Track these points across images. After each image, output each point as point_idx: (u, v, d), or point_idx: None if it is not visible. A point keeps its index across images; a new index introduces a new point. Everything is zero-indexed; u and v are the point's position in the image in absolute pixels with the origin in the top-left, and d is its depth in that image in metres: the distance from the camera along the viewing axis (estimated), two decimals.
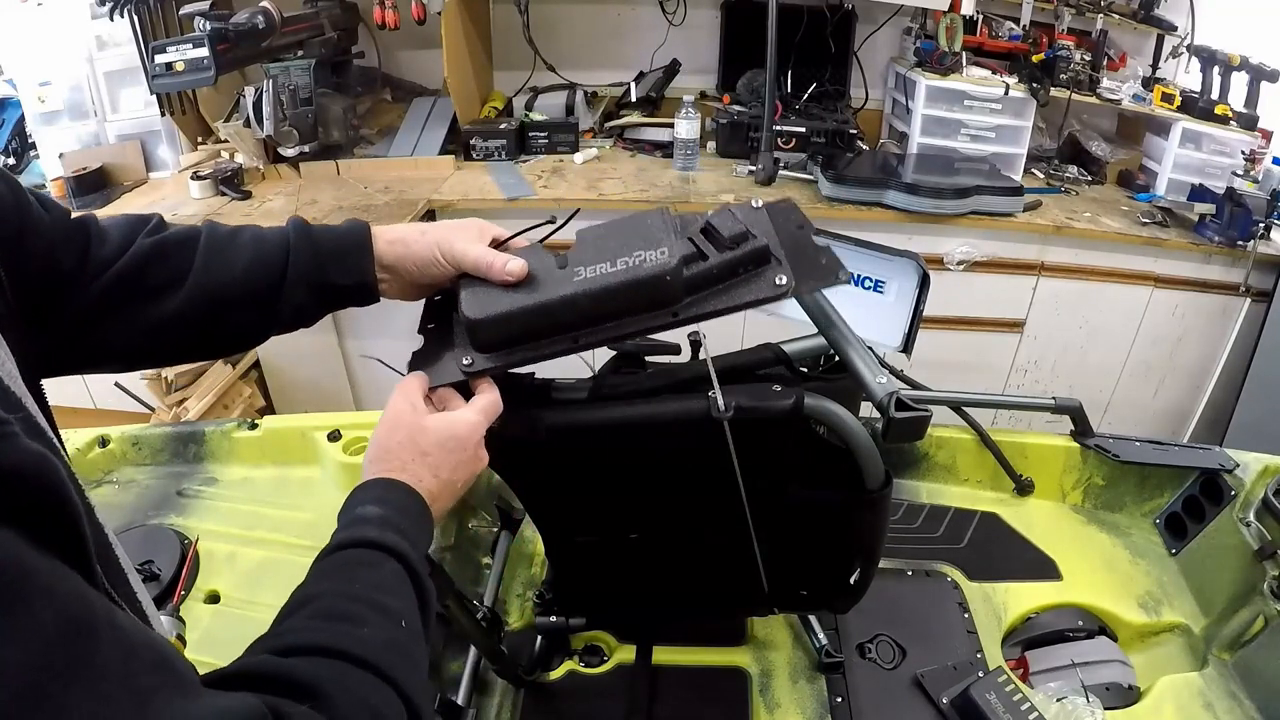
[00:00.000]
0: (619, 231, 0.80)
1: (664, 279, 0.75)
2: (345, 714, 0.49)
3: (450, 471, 0.73)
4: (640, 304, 0.77)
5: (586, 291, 0.75)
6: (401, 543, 0.64)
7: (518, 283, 0.77)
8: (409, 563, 0.64)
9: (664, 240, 0.77)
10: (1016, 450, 1.52)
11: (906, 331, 1.15)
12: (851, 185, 2.48)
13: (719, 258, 0.78)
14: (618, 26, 3.09)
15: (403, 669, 0.55)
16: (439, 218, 2.52)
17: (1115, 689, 1.19)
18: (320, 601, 0.58)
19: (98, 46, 2.66)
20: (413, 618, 0.61)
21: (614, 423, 0.84)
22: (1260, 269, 2.50)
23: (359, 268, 0.77)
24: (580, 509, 1.01)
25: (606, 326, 0.78)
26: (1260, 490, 1.31)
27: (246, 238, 0.77)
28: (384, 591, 0.60)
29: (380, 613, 0.58)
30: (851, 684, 1.18)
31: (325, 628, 0.55)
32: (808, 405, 0.85)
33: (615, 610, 1.21)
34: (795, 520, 0.97)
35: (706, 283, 0.78)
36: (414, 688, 0.55)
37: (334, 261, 0.77)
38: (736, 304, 0.78)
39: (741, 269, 0.79)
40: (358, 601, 0.58)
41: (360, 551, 0.62)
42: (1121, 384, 2.78)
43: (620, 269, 0.76)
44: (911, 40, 2.92)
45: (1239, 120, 2.74)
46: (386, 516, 0.66)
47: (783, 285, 0.78)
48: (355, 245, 0.78)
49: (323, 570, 0.62)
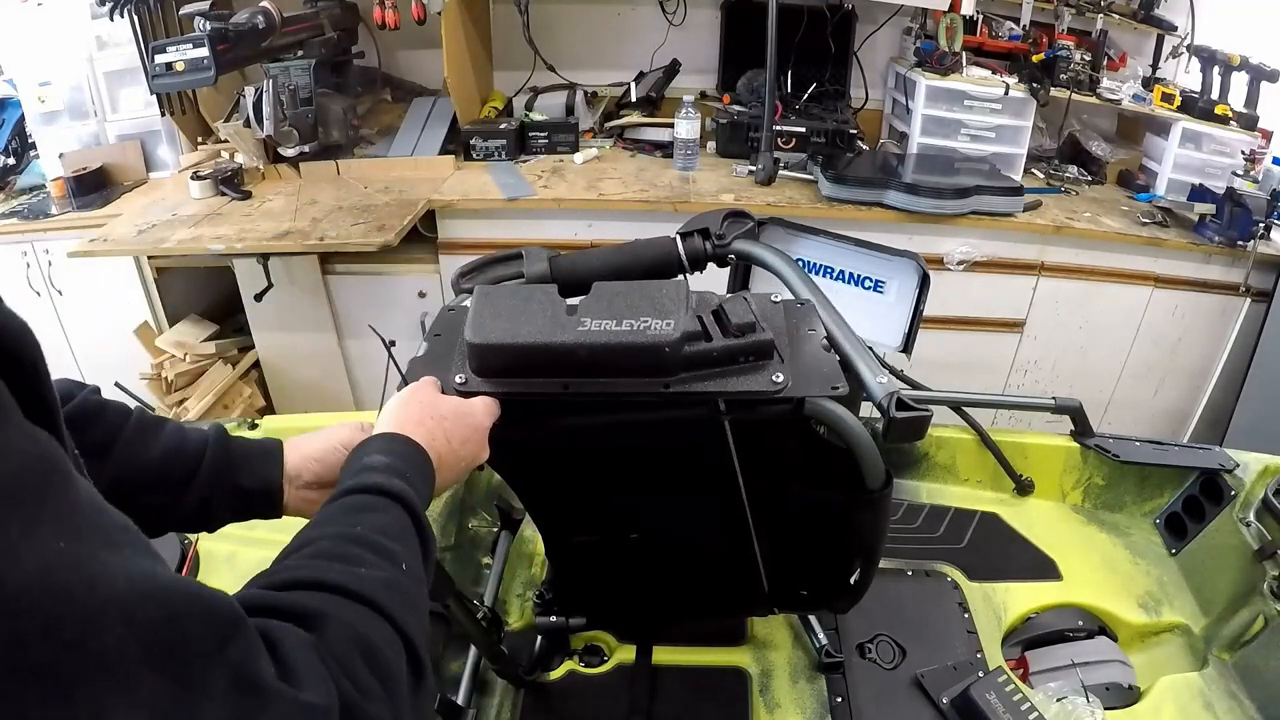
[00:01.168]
0: (633, 292, 0.81)
1: (662, 350, 0.77)
2: (334, 639, 0.49)
3: (460, 442, 0.74)
4: (635, 368, 0.78)
5: (586, 343, 0.77)
6: (407, 490, 0.64)
7: (524, 316, 0.79)
8: (414, 509, 0.64)
9: (673, 313, 0.78)
10: (1016, 450, 1.52)
11: (906, 331, 1.16)
12: (851, 185, 2.48)
13: (722, 342, 0.79)
14: (618, 26, 3.09)
15: (399, 607, 0.55)
16: (439, 218, 2.52)
17: (1115, 689, 1.19)
18: (320, 543, 0.58)
19: (98, 46, 2.66)
20: (415, 563, 0.61)
21: (616, 423, 0.85)
22: (1260, 269, 2.51)
23: (266, 474, 0.79)
24: (581, 509, 1.01)
25: (599, 381, 0.79)
26: (1260, 490, 1.32)
27: (171, 428, 0.78)
28: (386, 535, 0.60)
29: (380, 554, 0.58)
30: (851, 684, 1.18)
31: (322, 565, 0.55)
32: (808, 406, 0.85)
33: (615, 610, 1.22)
34: (795, 520, 0.97)
35: (704, 363, 0.79)
36: (411, 626, 0.55)
37: (244, 465, 0.78)
38: (727, 391, 0.79)
39: (742, 358, 0.80)
40: (358, 543, 0.58)
41: (365, 497, 0.63)
42: (1121, 384, 2.78)
43: (624, 329, 0.77)
44: (911, 40, 2.92)
45: (1239, 120, 2.74)
46: (392, 464, 0.66)
47: (778, 384, 0.79)
48: (264, 454, 0.80)
49: (326, 514, 0.62)
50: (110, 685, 0.36)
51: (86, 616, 0.36)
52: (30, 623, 0.34)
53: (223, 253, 2.31)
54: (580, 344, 0.77)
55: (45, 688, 0.34)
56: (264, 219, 2.41)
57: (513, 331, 0.78)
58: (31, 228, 2.58)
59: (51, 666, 0.34)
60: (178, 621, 0.40)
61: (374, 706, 0.48)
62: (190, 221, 2.39)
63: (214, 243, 2.27)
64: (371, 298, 2.59)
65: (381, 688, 0.50)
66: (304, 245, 2.29)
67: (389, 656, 0.52)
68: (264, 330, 2.65)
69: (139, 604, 0.39)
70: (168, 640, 0.39)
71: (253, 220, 2.41)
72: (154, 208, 2.53)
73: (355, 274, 2.55)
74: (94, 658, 0.36)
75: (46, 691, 0.34)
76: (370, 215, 2.40)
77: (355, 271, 2.54)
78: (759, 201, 2.50)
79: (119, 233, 2.36)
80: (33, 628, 0.34)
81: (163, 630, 0.39)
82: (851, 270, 1.21)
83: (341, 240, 2.28)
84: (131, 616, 0.38)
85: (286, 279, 2.51)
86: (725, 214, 1.09)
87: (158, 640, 0.39)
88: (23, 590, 0.34)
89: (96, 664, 0.36)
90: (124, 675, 0.37)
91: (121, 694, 0.37)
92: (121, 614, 0.38)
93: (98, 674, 0.36)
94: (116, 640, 0.37)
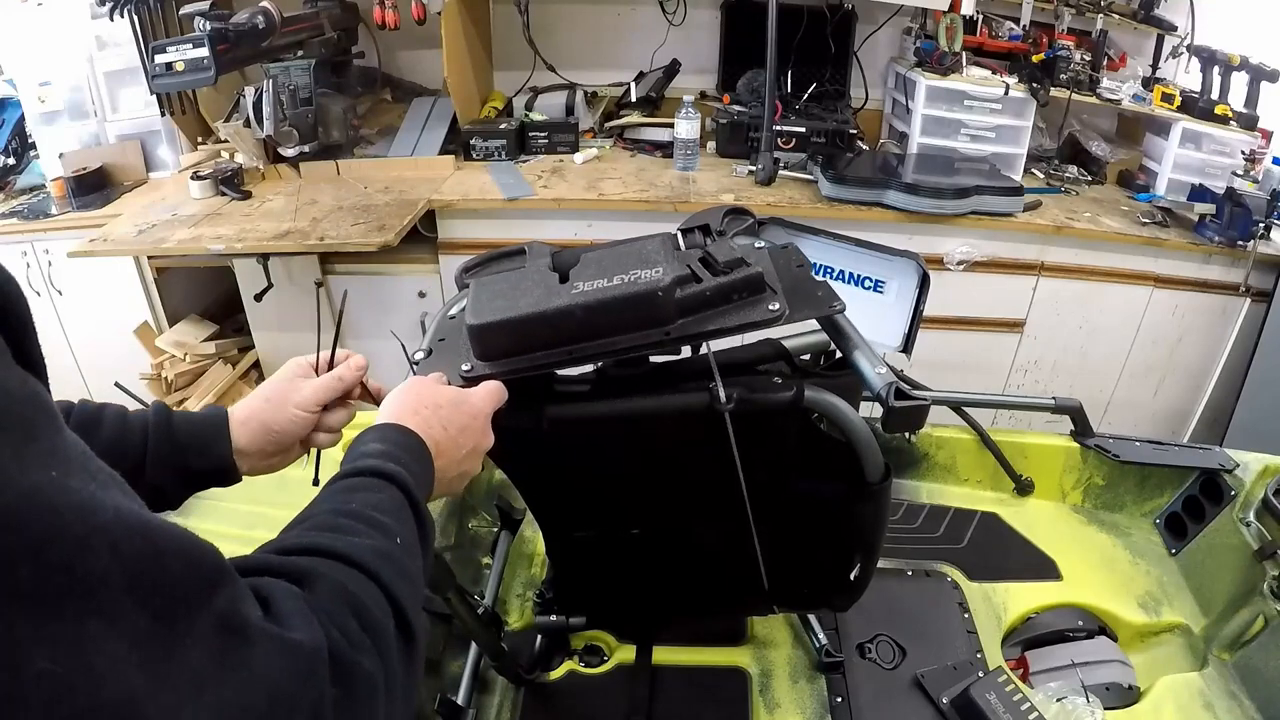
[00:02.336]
0: (620, 253, 0.83)
1: (655, 295, 0.78)
2: (323, 594, 0.50)
3: (459, 431, 0.75)
4: (633, 320, 0.80)
5: (582, 304, 0.78)
6: (401, 471, 0.65)
7: (519, 292, 0.80)
8: (408, 490, 0.64)
9: (660, 262, 0.80)
10: (1016, 450, 1.52)
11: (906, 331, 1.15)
12: (851, 185, 2.48)
13: (713, 281, 0.81)
14: (618, 26, 3.09)
15: (390, 573, 0.55)
16: (439, 218, 2.52)
17: (1115, 689, 1.19)
18: (315, 518, 0.59)
19: (98, 46, 2.66)
20: (410, 539, 0.62)
21: (616, 415, 0.85)
22: (1260, 269, 2.50)
23: (215, 451, 0.78)
24: (581, 503, 1.01)
25: (600, 341, 0.80)
26: (1260, 490, 1.31)
27: (110, 418, 0.77)
28: (380, 511, 0.61)
29: (374, 527, 0.59)
30: (851, 684, 1.18)
31: (314, 534, 0.56)
32: (808, 397, 0.85)
33: (615, 609, 1.21)
34: (795, 514, 0.97)
35: (700, 305, 0.81)
36: (401, 592, 0.55)
37: (191, 445, 0.78)
38: (729, 326, 0.81)
39: (735, 295, 0.82)
40: (351, 516, 0.59)
41: (359, 479, 0.64)
42: (1121, 384, 2.78)
43: (616, 284, 0.79)
44: (911, 40, 2.92)
45: (1239, 120, 2.74)
46: (387, 450, 0.67)
47: (776, 310, 0.81)
48: (211, 428, 0.79)
49: (321, 496, 0.63)
50: (94, 611, 0.36)
51: (75, 541, 0.36)
52: (19, 540, 0.34)
53: (223, 253, 2.31)
54: (577, 305, 0.78)
55: (31, 606, 0.34)
56: (264, 219, 2.41)
57: (510, 307, 0.80)
58: (31, 228, 2.58)
59: (38, 586, 0.34)
60: (164, 560, 0.40)
61: (363, 658, 0.49)
62: (190, 221, 2.39)
63: (214, 243, 2.27)
64: (371, 298, 2.59)
65: (371, 643, 0.50)
66: (304, 245, 2.29)
67: (377, 616, 0.52)
68: (264, 330, 2.65)
69: (126, 537, 0.39)
70: (154, 577, 0.39)
71: (253, 220, 2.41)
72: (154, 208, 2.53)
73: (355, 274, 2.55)
74: (80, 583, 0.36)
75: (32, 610, 0.34)
76: (370, 215, 2.40)
77: (355, 271, 2.54)
78: (759, 201, 2.50)
79: (119, 233, 2.36)
80: (21, 546, 0.34)
81: (149, 566, 0.39)
82: (851, 270, 1.21)
83: (341, 240, 2.28)
84: (118, 547, 0.38)
85: (286, 279, 2.51)
86: (725, 211, 1.09)
87: (144, 574, 0.39)
88: (12, 508, 0.34)
89: (83, 589, 0.36)
90: (109, 604, 0.37)
91: (105, 622, 0.37)
92: (109, 544, 0.38)
93: (83, 599, 0.36)
94: (103, 568, 0.37)
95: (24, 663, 0.33)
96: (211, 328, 2.69)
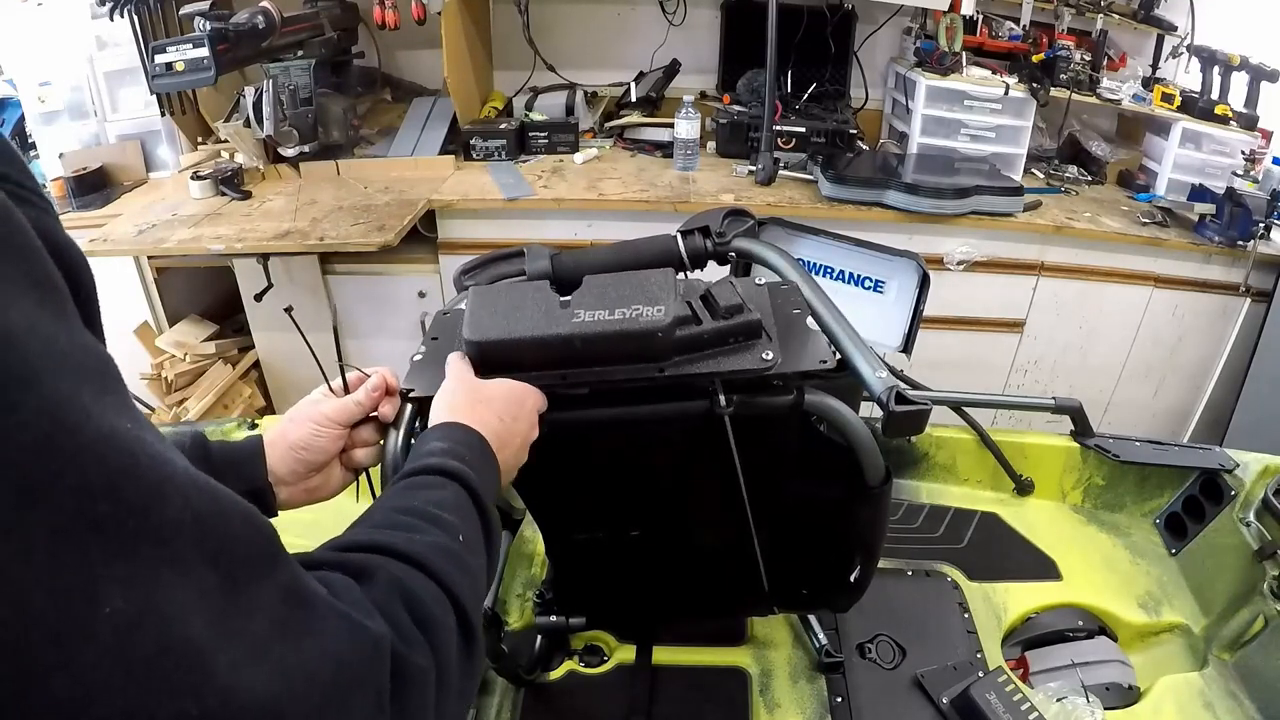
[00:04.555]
0: (624, 283, 0.83)
1: (655, 335, 0.79)
2: (379, 590, 0.50)
3: (513, 419, 0.75)
4: (630, 354, 0.80)
5: (581, 333, 0.79)
6: (464, 469, 0.65)
7: (519, 312, 0.81)
8: (471, 486, 0.64)
9: (663, 299, 0.80)
10: (1016, 450, 1.52)
11: (906, 331, 1.16)
12: (851, 185, 2.48)
13: (712, 324, 0.82)
14: (618, 26, 3.09)
15: (450, 571, 0.55)
16: (439, 218, 2.52)
17: (1115, 689, 1.19)
18: (376, 517, 0.59)
19: (98, 46, 2.66)
20: (473, 536, 0.61)
21: (615, 419, 0.85)
22: (1260, 269, 2.50)
23: (249, 473, 0.78)
24: (581, 506, 1.01)
25: (595, 370, 0.81)
26: (1260, 490, 1.31)
27: None
28: (442, 508, 0.60)
29: (435, 524, 0.58)
30: (851, 684, 1.18)
31: (373, 531, 0.56)
32: (808, 401, 0.85)
33: (615, 610, 1.21)
34: (795, 517, 0.97)
35: (696, 346, 0.82)
36: (462, 589, 0.55)
37: (229, 471, 0.77)
38: (721, 371, 0.82)
39: (732, 339, 0.82)
40: (413, 514, 0.58)
41: (422, 477, 0.63)
42: (1121, 384, 2.78)
43: (617, 318, 0.79)
44: (911, 40, 2.92)
45: (1239, 120, 2.74)
46: (449, 449, 0.67)
47: (768, 360, 0.82)
48: (247, 459, 0.78)
49: (384, 496, 0.63)
50: (167, 560, 0.36)
51: (149, 487, 0.36)
52: (100, 476, 0.34)
53: (223, 253, 2.31)
54: (576, 334, 0.79)
55: (108, 542, 0.34)
56: (264, 219, 2.41)
57: (510, 327, 0.80)
58: None
59: (116, 523, 0.34)
60: (231, 524, 0.40)
61: (416, 655, 0.48)
62: (190, 221, 2.39)
63: (214, 243, 2.27)
64: (371, 298, 2.59)
65: (425, 640, 0.50)
66: (304, 245, 2.29)
67: (435, 613, 0.52)
68: (264, 330, 2.65)
69: (196, 494, 0.39)
70: (222, 537, 0.39)
71: (253, 220, 2.41)
72: (154, 208, 2.53)
73: (355, 274, 2.55)
74: (154, 529, 0.36)
75: (109, 547, 0.34)
76: (370, 215, 2.40)
77: (355, 271, 2.54)
78: (759, 201, 2.50)
79: (119, 233, 2.36)
80: (102, 481, 0.34)
81: (218, 525, 0.39)
82: (851, 270, 1.21)
83: (341, 240, 2.28)
84: (190, 502, 0.38)
85: (286, 279, 2.51)
86: (725, 212, 1.09)
87: (213, 533, 0.39)
88: (92, 443, 0.34)
89: (156, 536, 0.36)
90: (180, 554, 0.37)
91: (177, 572, 0.37)
92: (182, 496, 0.38)
93: (157, 545, 0.36)
94: (176, 518, 0.37)
95: (100, 597, 0.33)
96: (211, 328, 2.69)
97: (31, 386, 0.33)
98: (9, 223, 0.36)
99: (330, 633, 0.43)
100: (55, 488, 0.33)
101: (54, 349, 0.35)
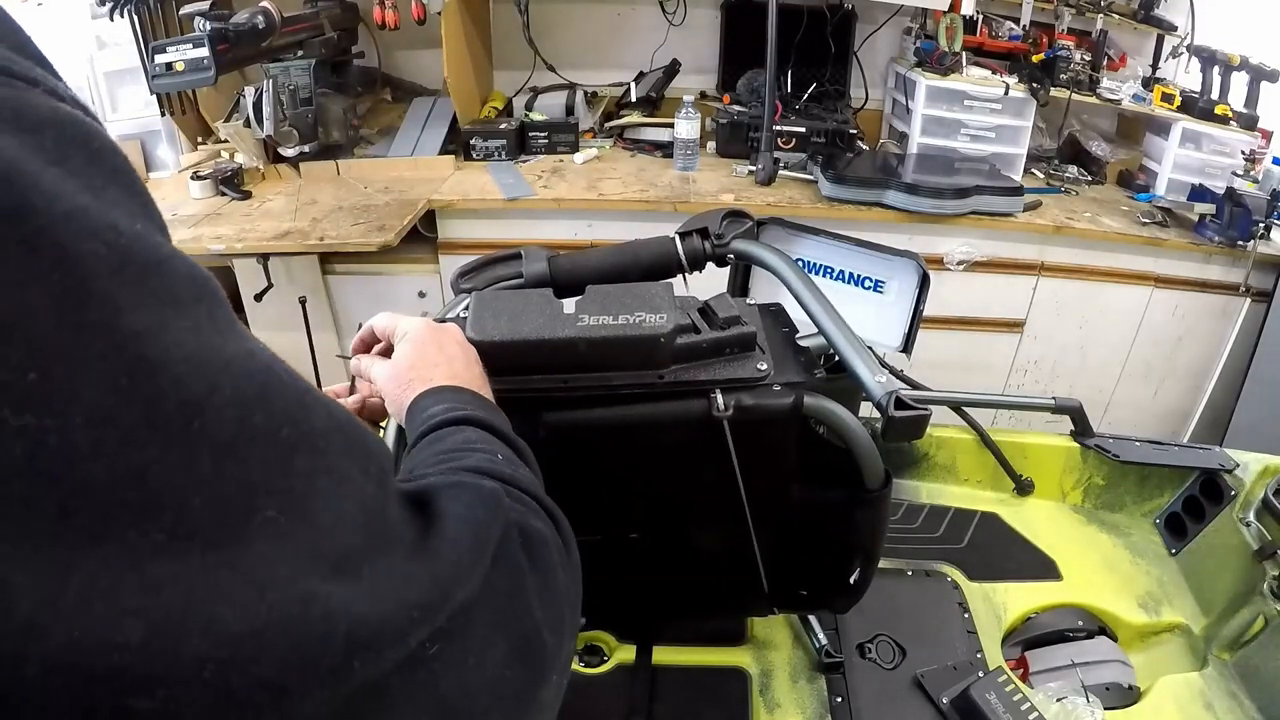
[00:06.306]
0: (626, 293, 0.85)
1: (658, 340, 0.81)
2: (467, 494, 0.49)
3: (474, 360, 0.74)
4: (632, 360, 0.83)
5: (584, 337, 0.80)
6: (475, 413, 0.64)
7: (523, 316, 0.82)
8: (485, 424, 0.63)
9: (664, 309, 0.83)
10: (1016, 450, 1.52)
11: (906, 331, 1.15)
12: (851, 185, 2.48)
13: (710, 334, 0.85)
14: (618, 26, 3.09)
15: (510, 476, 0.55)
16: (439, 218, 2.52)
17: (1115, 689, 1.20)
18: (415, 472, 0.57)
19: (98, 46, 2.65)
20: (509, 455, 0.61)
21: (614, 422, 0.85)
22: (1260, 269, 2.50)
23: None
24: (580, 508, 1.00)
25: (596, 375, 0.83)
26: (1260, 490, 1.32)
27: None
28: (472, 444, 0.59)
29: (474, 452, 0.58)
30: (851, 684, 1.18)
31: (426, 472, 0.55)
32: (807, 404, 0.86)
33: (615, 610, 1.21)
34: (795, 520, 0.97)
35: (694, 355, 0.85)
36: (534, 487, 0.56)
37: None
38: (718, 379, 0.85)
39: (728, 349, 0.86)
40: (449, 453, 0.58)
41: (434, 433, 0.61)
42: (1121, 384, 2.78)
43: (620, 324, 0.81)
44: (911, 40, 2.92)
45: (1239, 120, 2.73)
46: (447, 406, 0.65)
47: (763, 371, 0.85)
48: None
49: (405, 464, 0.61)
50: (322, 466, 0.36)
51: (294, 395, 0.36)
52: (249, 387, 0.34)
53: (223, 253, 2.31)
54: (580, 338, 0.80)
55: (267, 449, 0.34)
56: (264, 219, 2.41)
57: (515, 329, 0.81)
58: None
59: (271, 432, 0.34)
60: (360, 433, 0.40)
61: (533, 519, 0.52)
62: (190, 221, 2.39)
63: (214, 243, 2.27)
64: (371, 298, 2.59)
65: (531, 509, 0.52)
66: (304, 245, 2.29)
67: (522, 504, 0.53)
68: (264, 330, 2.65)
69: (330, 404, 0.39)
70: (358, 443, 0.39)
71: (253, 220, 2.41)
72: None
73: (355, 274, 2.55)
74: (305, 434, 0.36)
75: (268, 454, 0.34)
76: (370, 215, 2.40)
77: (355, 271, 2.54)
78: (759, 201, 2.50)
79: None
80: (251, 392, 0.34)
81: (353, 433, 0.39)
82: (851, 270, 1.21)
83: (341, 240, 2.28)
84: (330, 411, 0.38)
85: (286, 279, 2.51)
86: (724, 213, 1.09)
87: (350, 440, 0.39)
88: (235, 357, 0.34)
89: (308, 440, 0.36)
90: (332, 459, 0.37)
91: (332, 479, 0.36)
92: (321, 404, 0.38)
93: (311, 450, 0.36)
94: (323, 423, 0.37)
95: (258, 507, 0.33)
96: None
97: (174, 307, 0.33)
98: (99, 137, 0.36)
99: (464, 503, 0.45)
100: (213, 400, 0.32)
101: (181, 270, 0.35)
